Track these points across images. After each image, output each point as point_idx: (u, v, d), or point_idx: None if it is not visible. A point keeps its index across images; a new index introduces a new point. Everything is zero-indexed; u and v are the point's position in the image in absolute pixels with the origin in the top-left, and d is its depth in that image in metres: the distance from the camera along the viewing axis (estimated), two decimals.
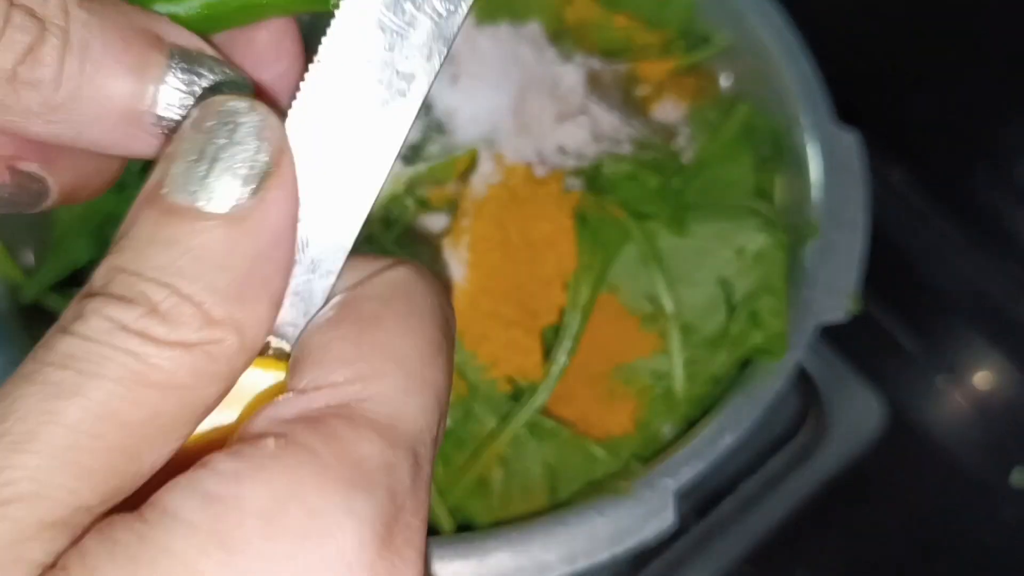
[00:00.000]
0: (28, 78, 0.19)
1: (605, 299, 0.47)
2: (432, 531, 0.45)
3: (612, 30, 0.54)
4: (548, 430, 0.46)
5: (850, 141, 0.53)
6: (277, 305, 0.20)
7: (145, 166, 0.49)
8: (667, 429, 0.48)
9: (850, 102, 0.56)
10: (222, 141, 0.19)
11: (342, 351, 0.20)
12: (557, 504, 0.46)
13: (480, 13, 0.48)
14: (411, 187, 0.46)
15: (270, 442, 0.18)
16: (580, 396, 0.47)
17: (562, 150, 0.47)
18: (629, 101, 0.53)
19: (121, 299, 0.18)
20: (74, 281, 0.49)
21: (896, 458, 0.66)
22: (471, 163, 0.46)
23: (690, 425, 0.48)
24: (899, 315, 0.70)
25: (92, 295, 0.18)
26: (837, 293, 0.49)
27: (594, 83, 0.51)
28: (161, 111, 0.20)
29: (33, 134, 0.20)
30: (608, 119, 0.49)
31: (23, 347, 0.46)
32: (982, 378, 0.70)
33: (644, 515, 0.43)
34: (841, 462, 0.65)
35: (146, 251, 0.19)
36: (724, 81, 0.58)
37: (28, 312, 0.47)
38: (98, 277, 0.18)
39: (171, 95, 0.21)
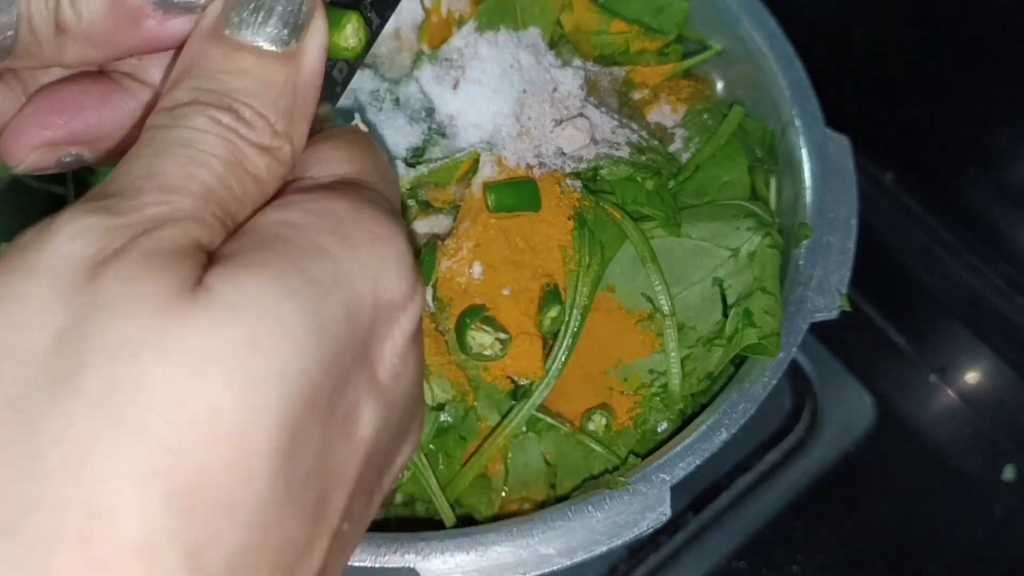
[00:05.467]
0: (64, 28, 0.25)
1: (603, 298, 0.48)
2: (434, 525, 0.46)
3: (609, 36, 0.55)
4: (547, 426, 0.46)
5: (841, 144, 0.54)
6: (310, 124, 0.26)
7: None
8: (663, 425, 0.48)
9: (843, 107, 0.57)
10: None
11: (336, 150, 0.26)
12: (556, 498, 0.47)
13: (480, 20, 0.49)
14: (413, 189, 0.46)
15: (328, 183, 0.25)
16: (579, 393, 0.47)
17: (561, 153, 0.47)
18: (626, 105, 0.53)
19: (217, 106, 0.23)
20: None
21: (888, 454, 0.67)
22: (472, 166, 0.46)
23: (686, 421, 0.48)
24: (891, 313, 0.71)
25: (181, 105, 0.23)
26: (829, 292, 0.49)
27: (592, 88, 0.51)
28: None
29: (78, 62, 0.26)
30: (606, 123, 0.50)
31: None
32: (973, 375, 0.70)
33: (641, 509, 0.43)
34: (834, 458, 0.66)
35: (224, 77, 0.24)
36: (719, 85, 0.58)
37: None
38: (181, 94, 0.24)
39: None
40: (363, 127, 0.29)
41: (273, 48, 0.25)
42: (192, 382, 0.19)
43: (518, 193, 0.45)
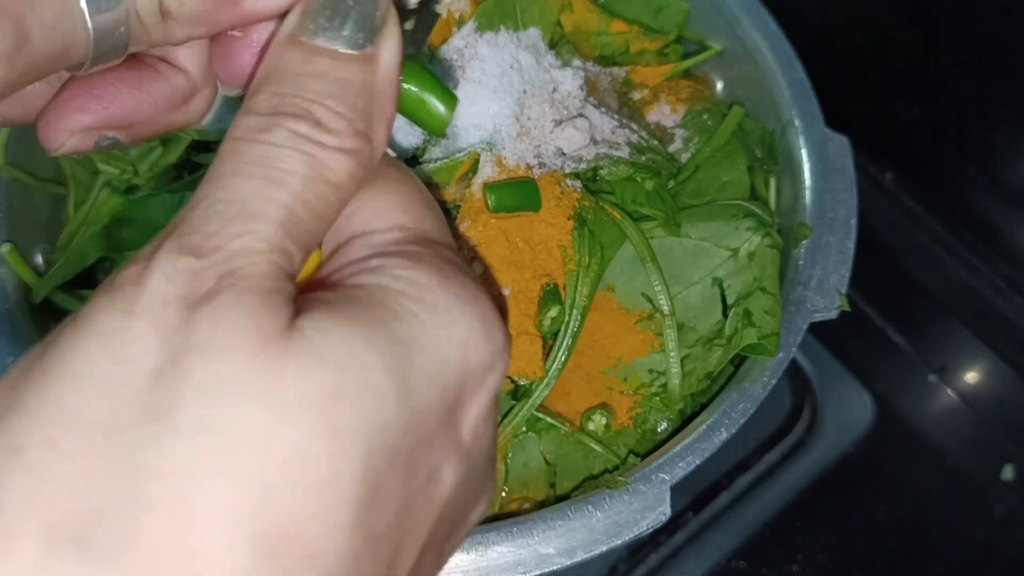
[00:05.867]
0: (167, 13, 0.26)
1: (603, 298, 0.48)
2: None
3: (609, 36, 0.55)
4: (547, 426, 0.46)
5: (841, 144, 0.54)
6: (390, 129, 0.26)
7: (157, 172, 0.49)
8: (663, 425, 0.48)
9: (843, 108, 0.57)
10: (351, 2, 0.25)
11: (391, 202, 0.26)
12: (556, 498, 0.47)
13: (480, 21, 0.49)
14: None
15: (412, 249, 0.25)
16: (579, 393, 0.47)
17: (561, 153, 0.47)
18: (626, 105, 0.53)
19: (295, 115, 0.23)
20: (82, 281, 0.50)
21: (888, 454, 0.67)
22: (472, 166, 0.46)
23: (686, 421, 0.48)
24: (890, 313, 0.71)
25: (260, 114, 0.24)
26: (829, 292, 0.49)
27: (592, 88, 0.51)
28: None
29: (179, 41, 0.28)
30: (606, 123, 0.49)
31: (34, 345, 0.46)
32: (972, 375, 0.70)
33: (641, 509, 0.43)
34: (833, 458, 0.66)
35: (302, 80, 0.24)
36: (719, 86, 0.58)
37: (39, 311, 0.48)
38: (260, 102, 0.24)
39: None
40: (391, 153, 0.29)
41: (350, 51, 0.25)
42: (283, 428, 0.20)
43: (518, 193, 0.45)
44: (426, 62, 0.28)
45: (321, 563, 0.20)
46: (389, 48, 0.26)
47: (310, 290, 0.23)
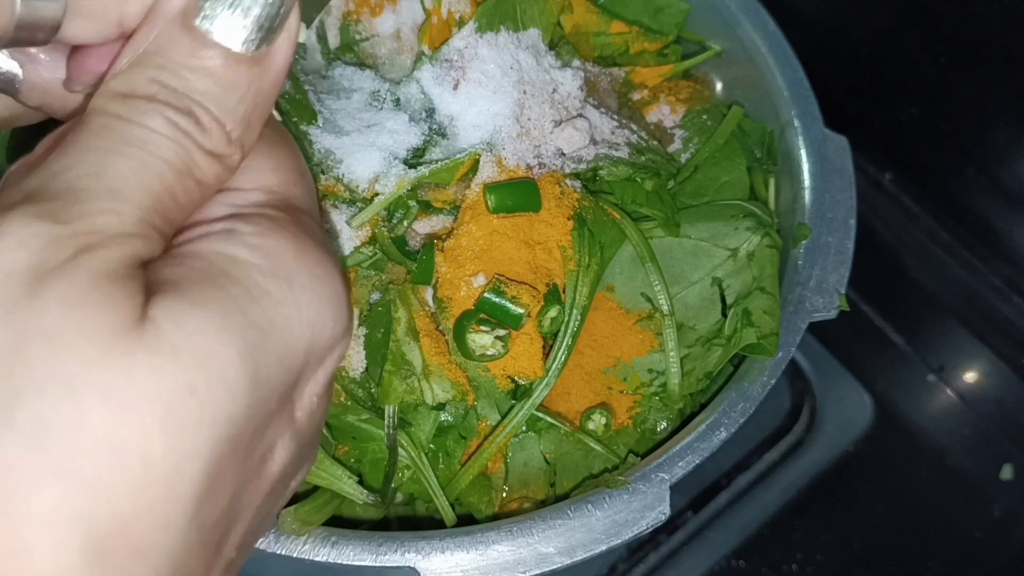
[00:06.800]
0: None
1: (603, 298, 0.48)
2: (435, 524, 0.46)
3: (609, 37, 0.55)
4: (547, 425, 0.46)
5: (840, 144, 0.54)
6: (263, 122, 0.25)
7: None
8: (663, 424, 0.48)
9: (842, 108, 0.57)
10: None
11: (260, 163, 0.26)
12: (556, 497, 0.47)
13: (480, 21, 0.49)
14: (414, 189, 0.47)
15: (271, 213, 0.24)
16: (579, 393, 0.47)
17: (561, 153, 0.47)
18: (626, 106, 0.54)
19: (176, 107, 0.23)
20: None
21: (887, 454, 0.67)
22: (473, 166, 0.46)
23: (685, 421, 0.48)
24: (889, 313, 0.71)
25: (139, 97, 0.23)
26: (828, 292, 0.49)
27: (592, 88, 0.51)
28: None
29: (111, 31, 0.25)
30: (605, 123, 0.50)
31: None
32: (971, 374, 0.70)
33: (640, 508, 0.43)
34: (833, 457, 0.66)
35: (188, 75, 0.23)
36: (718, 86, 0.58)
37: None
38: (140, 84, 0.23)
39: None
40: (276, 115, 0.28)
41: (243, 51, 0.24)
42: (128, 427, 0.19)
43: (518, 194, 0.45)
44: None
45: (153, 558, 0.20)
46: (284, 51, 0.25)
47: (157, 257, 0.22)
